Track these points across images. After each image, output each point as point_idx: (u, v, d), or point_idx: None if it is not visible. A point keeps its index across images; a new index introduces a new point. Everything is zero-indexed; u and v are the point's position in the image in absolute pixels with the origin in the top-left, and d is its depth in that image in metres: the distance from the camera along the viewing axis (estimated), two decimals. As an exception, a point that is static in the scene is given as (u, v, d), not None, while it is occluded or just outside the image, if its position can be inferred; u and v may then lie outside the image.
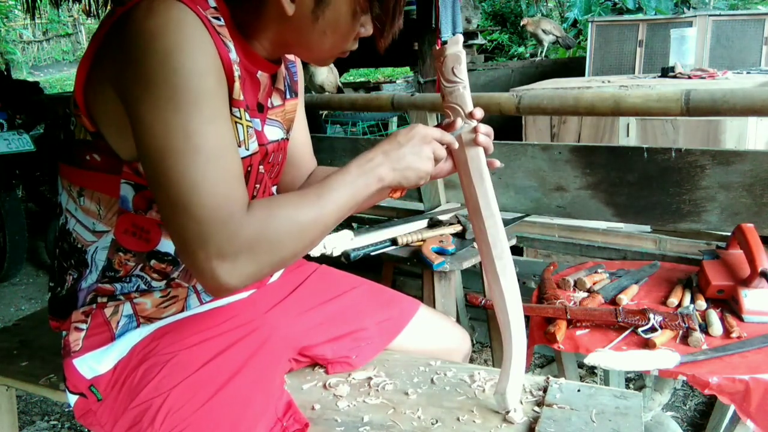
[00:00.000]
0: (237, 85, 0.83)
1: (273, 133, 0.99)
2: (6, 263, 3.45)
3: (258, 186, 0.95)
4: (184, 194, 0.74)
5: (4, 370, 1.29)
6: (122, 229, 0.90)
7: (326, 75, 3.65)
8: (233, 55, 0.83)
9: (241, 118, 0.85)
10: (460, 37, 1.00)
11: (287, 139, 1.08)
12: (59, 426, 2.11)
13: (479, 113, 0.97)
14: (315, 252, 1.67)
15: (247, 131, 0.87)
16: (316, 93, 3.43)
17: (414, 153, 0.90)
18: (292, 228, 0.80)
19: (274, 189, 1.07)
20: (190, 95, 0.74)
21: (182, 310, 1.00)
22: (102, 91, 0.80)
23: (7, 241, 3.38)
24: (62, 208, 0.95)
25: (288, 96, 1.05)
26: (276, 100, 1.00)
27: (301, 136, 1.17)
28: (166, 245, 0.92)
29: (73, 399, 0.99)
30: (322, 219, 0.83)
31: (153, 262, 0.93)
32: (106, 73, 0.79)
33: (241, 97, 0.85)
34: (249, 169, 0.90)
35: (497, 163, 1.02)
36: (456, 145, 0.96)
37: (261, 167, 0.94)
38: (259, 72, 0.93)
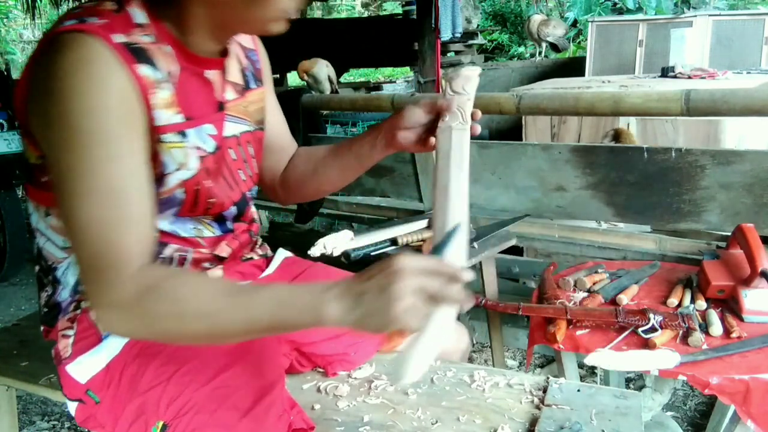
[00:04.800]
0: (164, 110, 0.82)
1: (231, 128, 0.97)
2: (6, 263, 3.46)
3: (213, 200, 0.93)
4: (73, 234, 0.76)
5: (4, 370, 1.29)
6: None
7: (326, 74, 3.66)
8: (160, 74, 0.81)
9: (174, 142, 0.84)
10: (479, 69, 1.01)
11: (260, 130, 1.05)
12: (59, 426, 2.11)
13: (479, 114, 0.96)
14: (315, 252, 1.66)
15: (186, 152, 0.86)
16: (317, 92, 3.43)
17: (377, 295, 0.67)
18: (171, 311, 0.73)
19: (254, 190, 1.06)
20: (84, 136, 0.73)
21: None
22: (36, 117, 0.80)
23: (7, 241, 3.39)
24: (33, 228, 0.95)
25: (253, 85, 1.03)
26: (230, 94, 0.97)
27: (276, 121, 1.14)
28: None
29: (72, 407, 0.99)
30: (215, 320, 0.72)
31: None
32: (35, 103, 0.79)
33: (173, 120, 0.83)
34: (197, 188, 0.89)
35: (478, 129, 0.96)
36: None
37: (208, 182, 0.91)
38: (206, 71, 0.91)
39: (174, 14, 0.84)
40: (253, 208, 1.12)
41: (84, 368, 0.94)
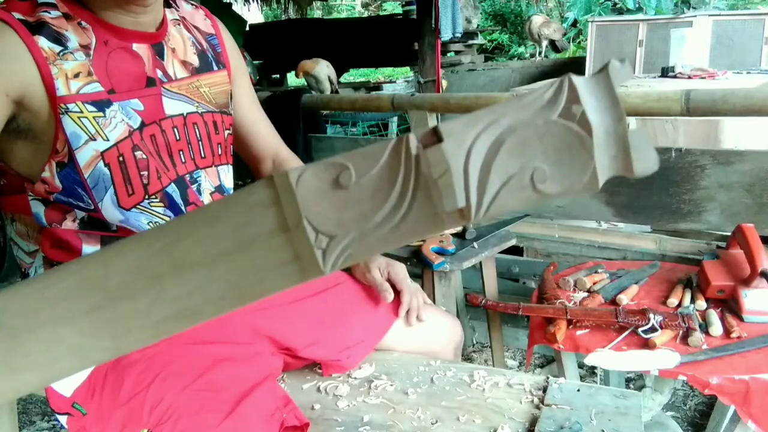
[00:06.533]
0: (71, 80, 0.82)
1: (174, 106, 0.95)
2: (6, 263, 3.46)
3: (145, 173, 0.91)
4: None
5: (4, 370, 1.29)
6: (48, 245, 0.92)
7: (326, 74, 3.67)
8: (67, 46, 0.83)
9: (85, 112, 0.84)
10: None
11: (223, 113, 1.04)
12: (59, 426, 2.11)
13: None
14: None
15: (97, 122, 0.85)
16: (317, 92, 3.43)
17: None
18: None
19: (224, 169, 1.04)
20: None
21: None
22: None
23: (7, 241, 3.39)
24: (9, 239, 0.96)
25: (215, 68, 1.03)
26: (180, 72, 0.97)
27: (249, 115, 1.13)
28: (89, 251, 0.92)
29: (63, 420, 0.99)
30: None
31: None
32: None
33: (86, 90, 0.84)
34: (121, 159, 0.87)
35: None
36: None
37: (138, 153, 0.89)
38: (135, 45, 0.91)
39: None
40: None
41: (66, 381, 0.94)
